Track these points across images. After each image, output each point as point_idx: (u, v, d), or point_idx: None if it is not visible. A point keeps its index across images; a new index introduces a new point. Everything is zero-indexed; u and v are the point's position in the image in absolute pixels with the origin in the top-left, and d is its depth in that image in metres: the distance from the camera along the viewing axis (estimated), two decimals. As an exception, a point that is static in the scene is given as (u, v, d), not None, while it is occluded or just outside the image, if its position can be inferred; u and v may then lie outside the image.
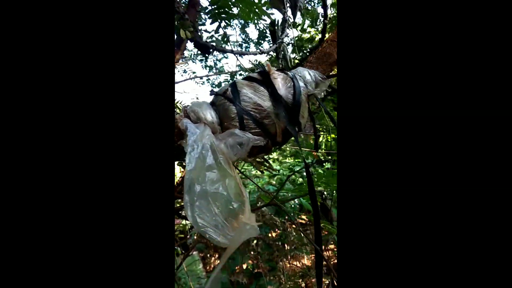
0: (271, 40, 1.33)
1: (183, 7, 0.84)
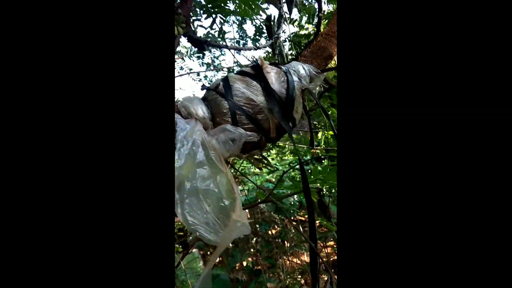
0: (267, 35, 1.32)
1: (176, 2, 0.82)
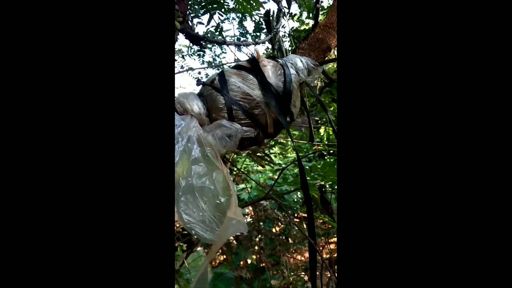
0: (266, 30, 1.30)
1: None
